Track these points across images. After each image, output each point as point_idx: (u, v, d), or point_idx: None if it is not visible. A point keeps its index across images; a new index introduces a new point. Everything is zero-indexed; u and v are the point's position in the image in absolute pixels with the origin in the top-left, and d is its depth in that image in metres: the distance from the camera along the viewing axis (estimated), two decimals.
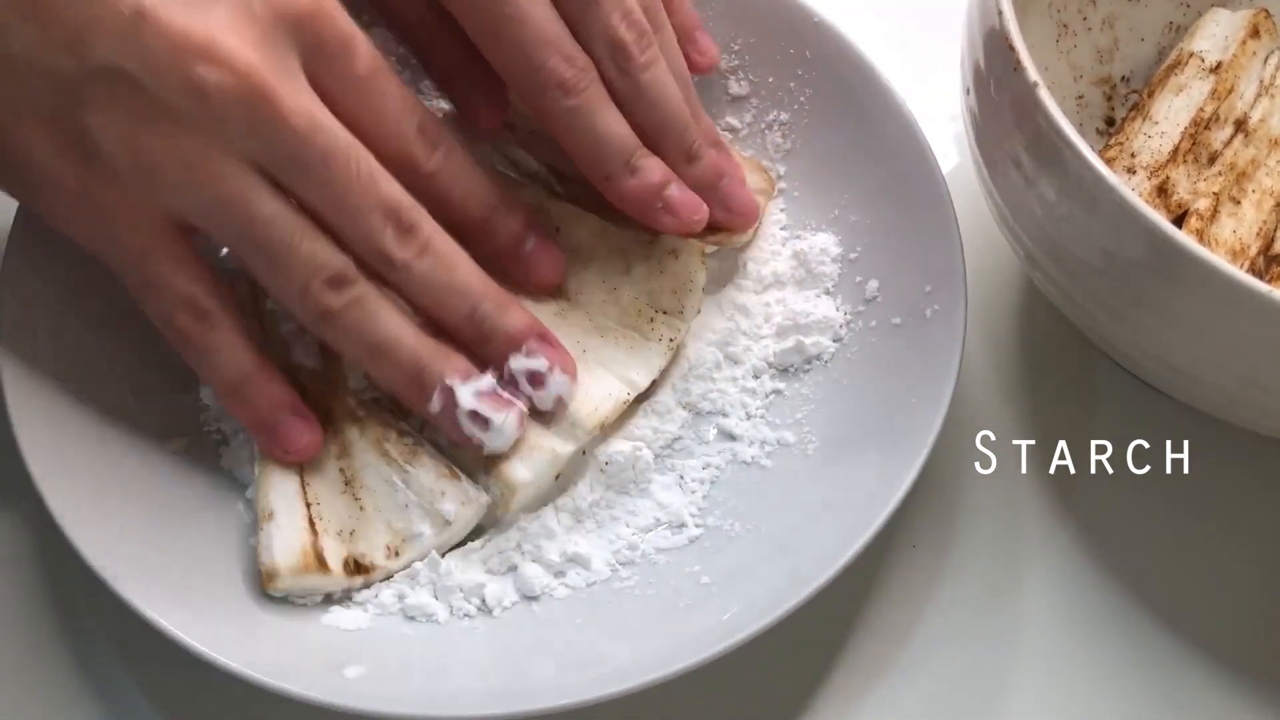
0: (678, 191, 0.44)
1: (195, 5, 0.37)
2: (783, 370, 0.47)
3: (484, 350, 0.42)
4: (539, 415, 0.43)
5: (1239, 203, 0.48)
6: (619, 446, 0.44)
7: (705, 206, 0.45)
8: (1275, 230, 0.49)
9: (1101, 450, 0.48)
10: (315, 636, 0.40)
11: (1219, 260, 0.37)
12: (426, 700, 0.38)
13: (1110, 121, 0.53)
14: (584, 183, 0.45)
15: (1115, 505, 0.47)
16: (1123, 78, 0.53)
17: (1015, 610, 0.45)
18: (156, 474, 0.42)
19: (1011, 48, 0.40)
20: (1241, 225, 0.48)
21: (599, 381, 0.44)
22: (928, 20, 0.54)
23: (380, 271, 0.40)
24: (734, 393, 0.46)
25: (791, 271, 0.48)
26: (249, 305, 0.44)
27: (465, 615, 0.41)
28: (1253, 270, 0.48)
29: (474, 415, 0.41)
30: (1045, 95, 0.40)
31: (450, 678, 0.39)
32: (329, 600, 0.41)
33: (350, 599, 0.41)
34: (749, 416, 0.46)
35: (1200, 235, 0.47)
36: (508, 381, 0.42)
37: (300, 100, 0.38)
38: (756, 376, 0.46)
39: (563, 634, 0.41)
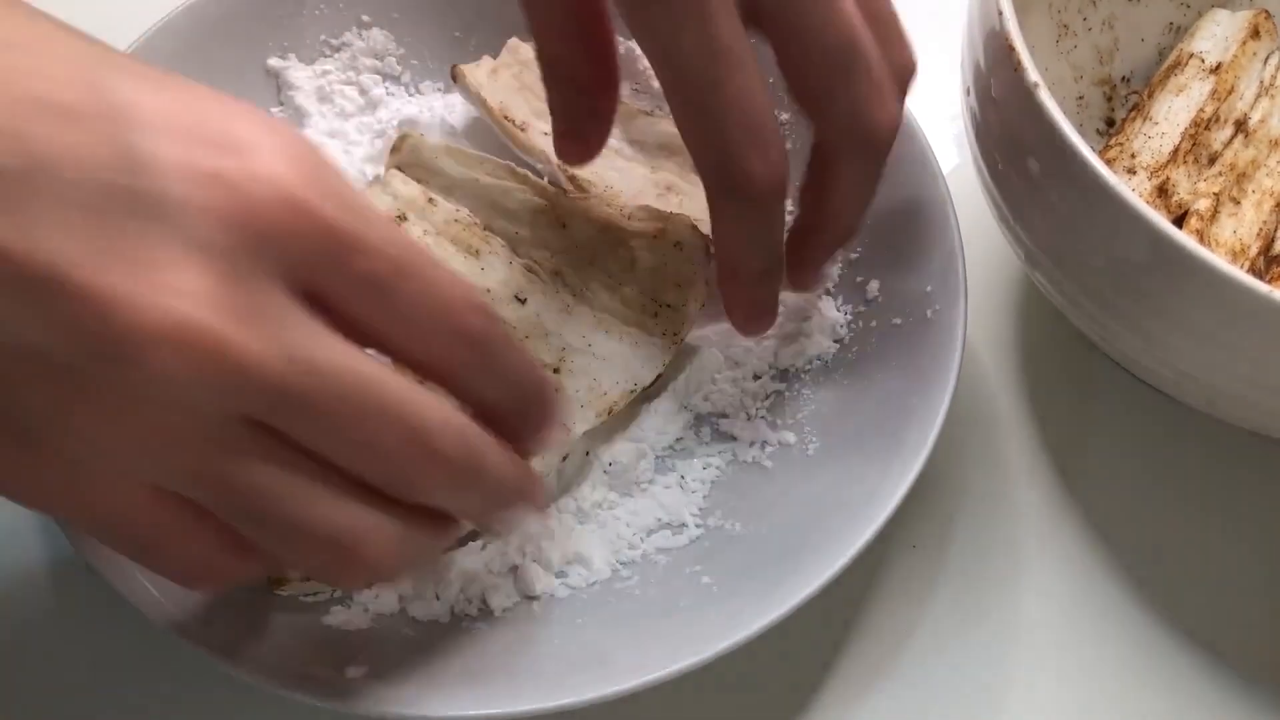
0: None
1: (125, 254, 0.28)
2: (783, 371, 0.47)
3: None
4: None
5: (1239, 203, 0.48)
6: (622, 448, 0.44)
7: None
8: (1275, 231, 0.49)
9: (1102, 450, 0.48)
10: (315, 636, 0.40)
11: (1219, 261, 0.37)
12: (427, 700, 0.37)
13: (1110, 122, 0.53)
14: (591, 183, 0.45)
15: (1115, 505, 0.47)
16: (1123, 78, 0.54)
17: (1015, 610, 0.45)
18: None
19: (1012, 48, 0.40)
20: (1242, 226, 0.48)
21: (606, 371, 0.44)
22: (927, 20, 0.54)
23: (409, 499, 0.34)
24: (734, 393, 0.46)
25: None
26: None
27: (466, 615, 0.41)
28: (1253, 270, 0.48)
29: None
30: (1045, 96, 0.40)
31: (451, 678, 0.39)
32: (330, 600, 0.41)
33: (350, 599, 0.41)
34: (749, 417, 0.46)
35: (1200, 236, 0.47)
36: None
37: (270, 339, 0.29)
38: (757, 377, 0.46)
39: (563, 634, 0.41)
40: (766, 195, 0.39)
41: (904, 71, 0.40)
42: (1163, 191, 0.48)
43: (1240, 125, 0.50)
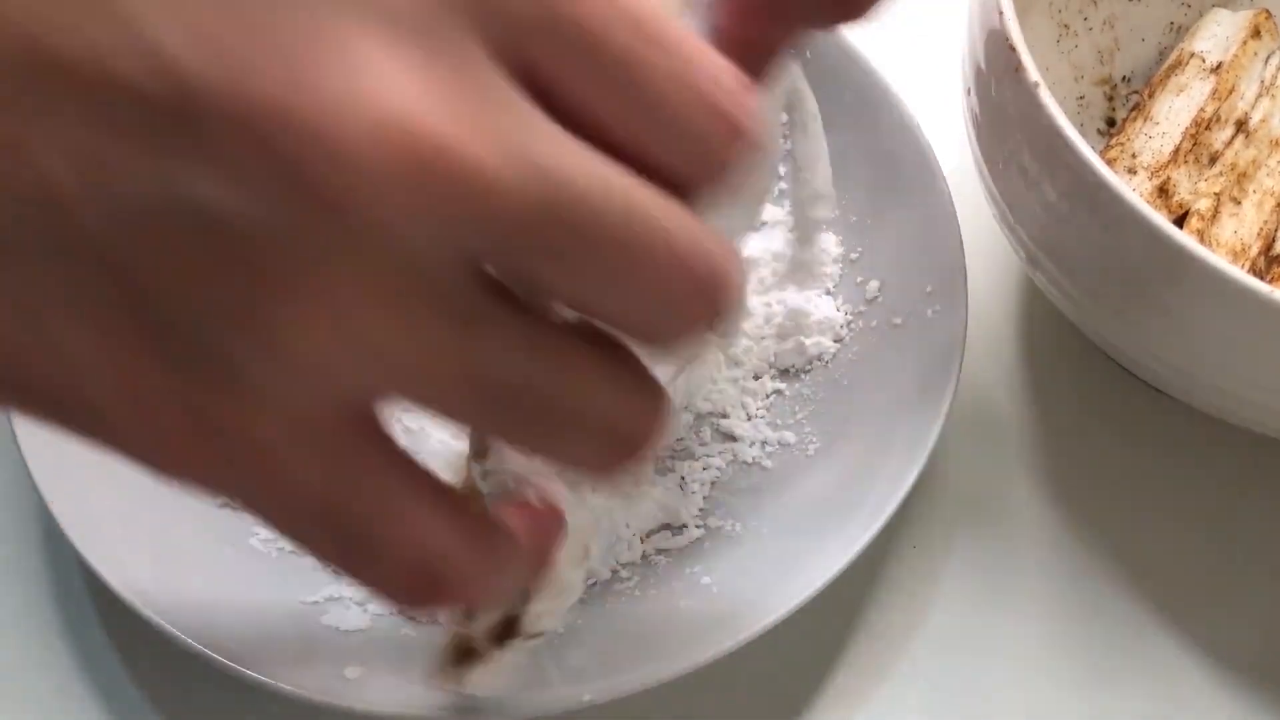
0: None
1: (284, 47, 0.19)
2: (783, 371, 0.47)
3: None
4: None
5: (1240, 203, 0.48)
6: None
7: None
8: (1276, 231, 0.49)
9: (1102, 450, 0.48)
10: (315, 636, 0.40)
11: (1220, 261, 0.37)
12: (426, 700, 0.37)
13: (1111, 122, 0.53)
14: None
15: (1115, 505, 0.47)
16: (1124, 78, 0.53)
17: (1015, 610, 0.45)
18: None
19: (1012, 48, 0.40)
20: (1242, 226, 0.48)
21: None
22: (928, 20, 0.54)
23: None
24: (734, 393, 0.46)
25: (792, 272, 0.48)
26: None
27: None
28: (1253, 271, 0.48)
29: None
30: (1046, 96, 0.39)
31: None
32: (329, 600, 0.41)
33: (351, 600, 0.41)
34: (750, 417, 0.46)
35: (1201, 236, 0.47)
36: None
37: (500, 140, 0.20)
38: (757, 377, 0.46)
39: (563, 635, 0.41)
40: None
41: None
42: (1163, 191, 0.48)
43: (1241, 125, 0.50)
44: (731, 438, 0.45)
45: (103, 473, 0.41)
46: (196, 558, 0.41)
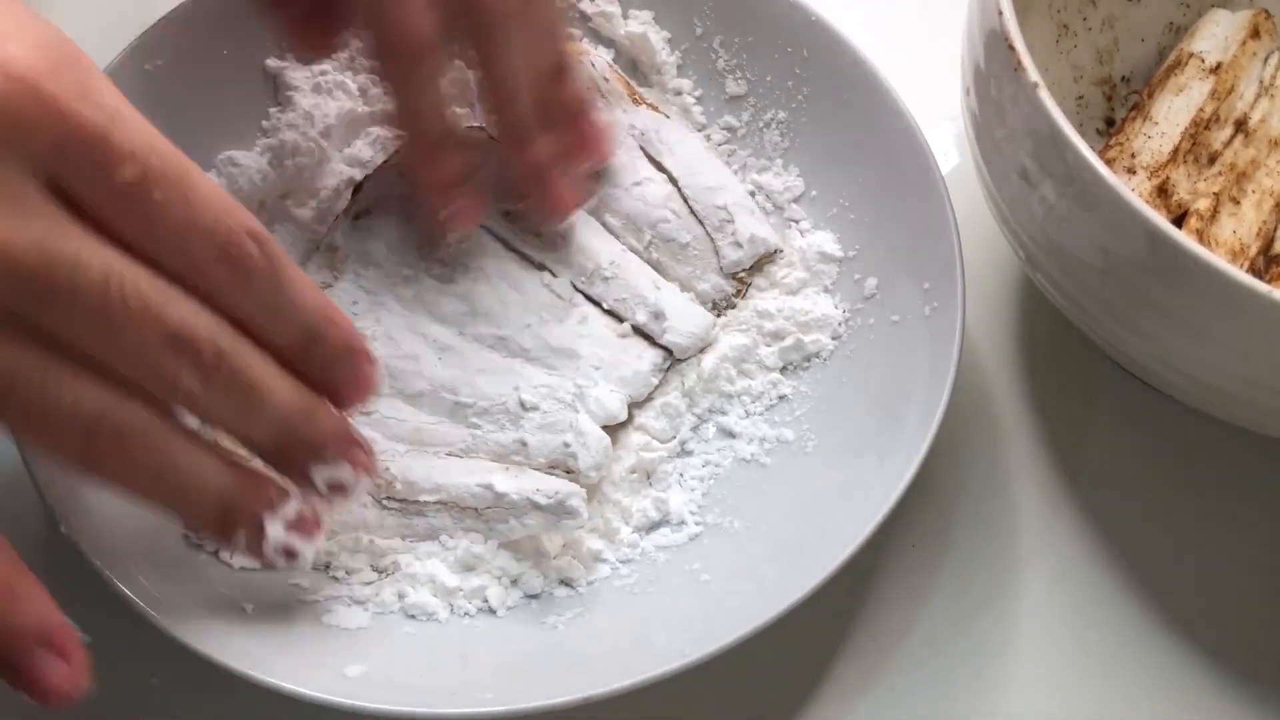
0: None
1: None
2: (782, 368, 0.47)
3: (288, 464, 0.37)
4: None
5: (1239, 203, 0.48)
6: (634, 445, 0.44)
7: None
8: (1275, 230, 0.49)
9: (1101, 450, 0.48)
10: (315, 636, 0.40)
11: (1219, 260, 0.37)
12: (427, 699, 0.37)
13: (1110, 122, 0.53)
14: None
15: (1115, 505, 0.47)
16: (1123, 78, 0.54)
17: (1014, 609, 0.45)
18: None
19: (1012, 48, 0.40)
20: (1241, 225, 0.48)
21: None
22: (927, 20, 0.54)
23: (172, 402, 0.34)
24: (734, 391, 0.46)
25: (790, 269, 0.48)
26: None
27: (466, 614, 0.41)
28: (1253, 270, 0.48)
29: (282, 548, 0.37)
30: (1045, 96, 0.40)
31: (451, 676, 0.39)
32: (329, 600, 0.41)
33: (351, 598, 0.41)
34: (748, 414, 0.46)
35: (1200, 235, 0.47)
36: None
37: (18, 228, 0.30)
38: (756, 375, 0.46)
39: (563, 632, 0.41)
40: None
41: None
42: (1162, 191, 0.48)
43: (1240, 125, 0.50)
44: (731, 435, 0.45)
45: None
46: (196, 558, 0.41)
